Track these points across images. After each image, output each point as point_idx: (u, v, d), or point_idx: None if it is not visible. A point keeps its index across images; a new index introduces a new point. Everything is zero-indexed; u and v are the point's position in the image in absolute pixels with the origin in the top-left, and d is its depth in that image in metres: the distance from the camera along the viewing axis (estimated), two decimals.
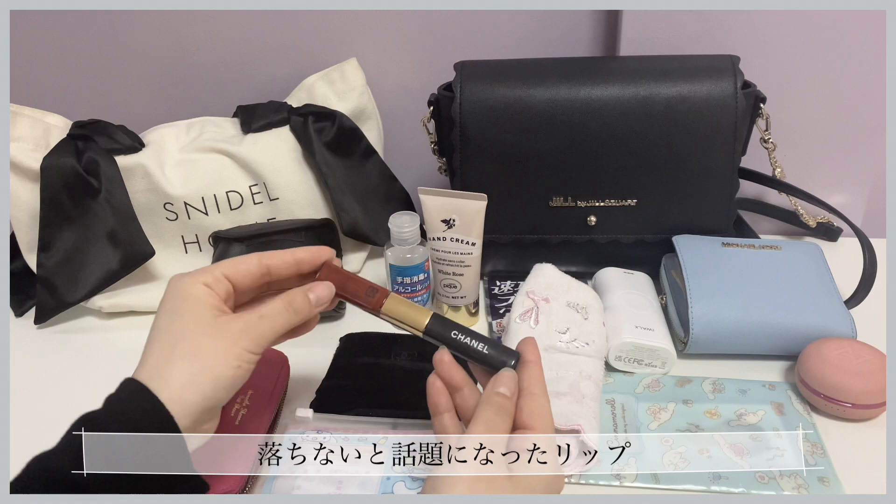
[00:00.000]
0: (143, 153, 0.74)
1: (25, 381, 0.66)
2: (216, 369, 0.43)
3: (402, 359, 0.64)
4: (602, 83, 0.69)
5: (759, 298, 0.64)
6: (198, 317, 0.44)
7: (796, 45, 0.75)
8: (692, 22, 0.74)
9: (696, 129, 0.69)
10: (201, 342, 0.43)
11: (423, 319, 0.50)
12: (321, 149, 0.76)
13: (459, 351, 0.49)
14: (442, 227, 0.68)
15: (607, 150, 0.70)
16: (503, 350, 0.49)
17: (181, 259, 0.77)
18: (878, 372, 0.57)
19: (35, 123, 0.72)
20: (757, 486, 0.52)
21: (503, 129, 0.70)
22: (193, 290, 0.45)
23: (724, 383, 0.62)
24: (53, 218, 0.70)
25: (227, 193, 0.75)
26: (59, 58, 0.85)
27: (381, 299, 0.51)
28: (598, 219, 0.73)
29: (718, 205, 0.73)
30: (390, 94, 0.85)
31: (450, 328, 0.49)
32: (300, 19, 0.81)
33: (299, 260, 0.50)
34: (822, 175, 0.81)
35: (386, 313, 0.51)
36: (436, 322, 0.50)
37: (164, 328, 0.45)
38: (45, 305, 0.72)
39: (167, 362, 0.43)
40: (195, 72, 0.85)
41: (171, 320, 0.45)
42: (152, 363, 0.43)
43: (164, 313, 0.45)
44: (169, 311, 0.45)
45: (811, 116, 0.78)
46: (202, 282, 0.46)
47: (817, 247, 0.69)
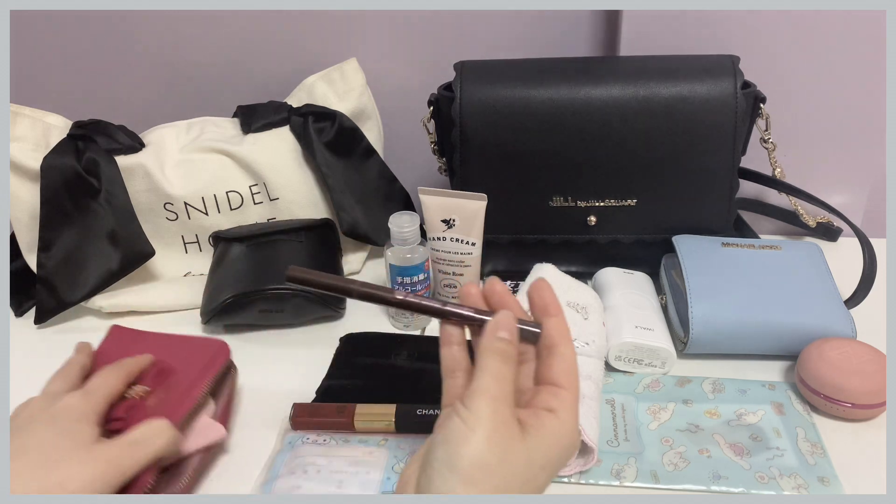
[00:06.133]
0: (143, 153, 0.74)
1: (25, 381, 0.66)
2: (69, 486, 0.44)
3: (402, 359, 0.64)
4: (602, 83, 0.69)
5: (759, 298, 0.64)
6: (78, 443, 0.46)
7: (796, 45, 0.75)
8: (692, 22, 0.74)
9: (696, 129, 0.69)
10: (72, 469, 0.45)
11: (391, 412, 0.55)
12: (321, 149, 0.76)
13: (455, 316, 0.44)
14: (442, 227, 0.68)
15: (607, 150, 0.70)
16: None
17: (181, 259, 0.78)
18: (878, 372, 0.57)
19: (35, 123, 0.72)
20: (757, 486, 0.52)
21: (503, 129, 0.70)
22: (82, 408, 0.49)
23: (724, 383, 0.62)
24: (53, 218, 0.70)
25: (227, 193, 0.75)
26: (59, 58, 0.85)
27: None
28: (598, 219, 0.73)
29: (718, 205, 0.73)
30: (390, 94, 0.85)
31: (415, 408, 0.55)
32: (300, 19, 0.81)
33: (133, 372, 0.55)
34: (822, 175, 0.81)
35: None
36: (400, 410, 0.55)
37: (44, 441, 0.46)
38: (45, 305, 0.72)
39: (34, 486, 0.44)
40: (195, 72, 0.85)
41: (55, 436, 0.46)
42: (23, 482, 0.44)
43: (47, 421, 0.48)
44: (57, 432, 0.47)
45: (811, 116, 0.78)
46: (90, 402, 0.49)
47: (817, 247, 0.69)
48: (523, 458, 0.37)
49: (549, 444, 0.38)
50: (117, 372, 0.54)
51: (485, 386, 0.38)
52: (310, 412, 0.57)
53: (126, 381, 0.54)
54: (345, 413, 0.56)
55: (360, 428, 0.56)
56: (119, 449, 0.47)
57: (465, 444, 0.36)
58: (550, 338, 0.42)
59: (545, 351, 0.42)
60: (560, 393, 0.40)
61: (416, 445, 0.54)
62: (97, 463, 0.46)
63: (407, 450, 0.54)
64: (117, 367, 0.54)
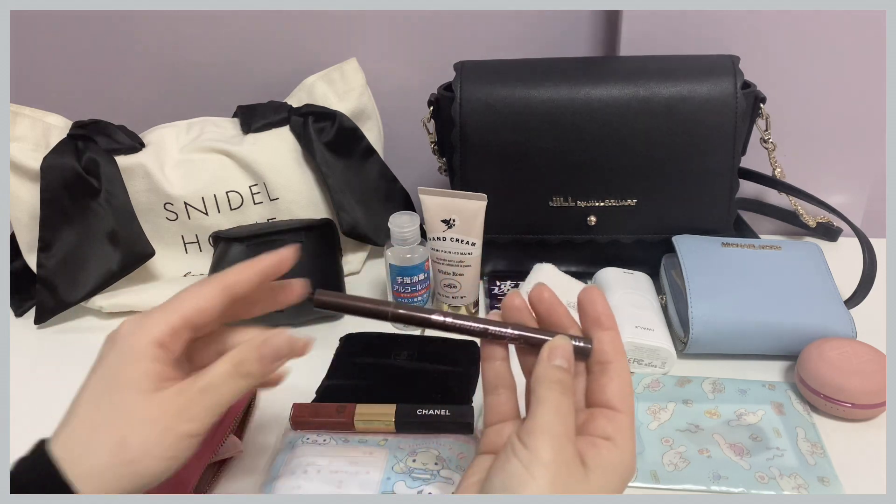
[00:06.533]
0: (143, 153, 0.74)
1: (25, 381, 0.66)
2: (143, 462, 0.36)
3: (402, 359, 0.64)
4: (602, 83, 0.69)
5: (759, 298, 0.64)
6: (136, 392, 0.37)
7: (796, 45, 0.75)
8: (692, 22, 0.74)
9: (696, 129, 0.69)
10: (131, 426, 0.37)
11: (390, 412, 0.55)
12: (321, 149, 0.76)
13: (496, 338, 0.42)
14: (442, 227, 0.68)
15: (607, 150, 0.70)
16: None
17: (181, 259, 0.78)
18: (878, 372, 0.57)
19: (35, 123, 0.72)
20: (757, 486, 0.52)
21: (503, 129, 0.70)
22: (139, 356, 0.38)
23: (724, 383, 0.62)
24: (53, 218, 0.70)
25: (227, 193, 0.75)
26: (59, 58, 0.85)
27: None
28: (598, 219, 0.73)
29: (718, 205, 0.73)
30: (390, 94, 0.85)
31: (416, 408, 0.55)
32: (300, 19, 0.81)
33: (262, 271, 0.42)
34: (822, 175, 0.81)
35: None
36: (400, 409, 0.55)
37: (96, 398, 0.38)
38: (45, 305, 0.72)
39: (88, 445, 0.36)
40: (195, 72, 0.85)
41: (104, 390, 0.38)
42: (74, 438, 0.37)
43: (100, 376, 0.38)
44: (106, 375, 0.38)
45: (811, 116, 0.78)
46: (155, 340, 0.38)
47: (817, 247, 0.69)
48: (584, 492, 0.35)
49: (609, 477, 0.36)
50: (214, 282, 0.41)
51: (545, 423, 0.36)
52: (310, 412, 0.57)
53: (226, 293, 0.41)
54: (345, 413, 0.56)
55: (360, 428, 0.56)
56: (187, 398, 0.38)
57: (526, 490, 0.34)
58: (604, 353, 0.39)
59: (597, 367, 0.39)
60: (616, 418, 0.38)
61: (416, 445, 0.54)
62: (161, 416, 0.37)
63: (407, 450, 0.54)
64: (217, 276, 0.41)
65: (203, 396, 0.38)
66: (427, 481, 0.51)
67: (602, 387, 0.39)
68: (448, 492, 0.50)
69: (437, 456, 0.53)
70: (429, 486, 0.50)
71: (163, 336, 0.38)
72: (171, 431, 0.37)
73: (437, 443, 0.54)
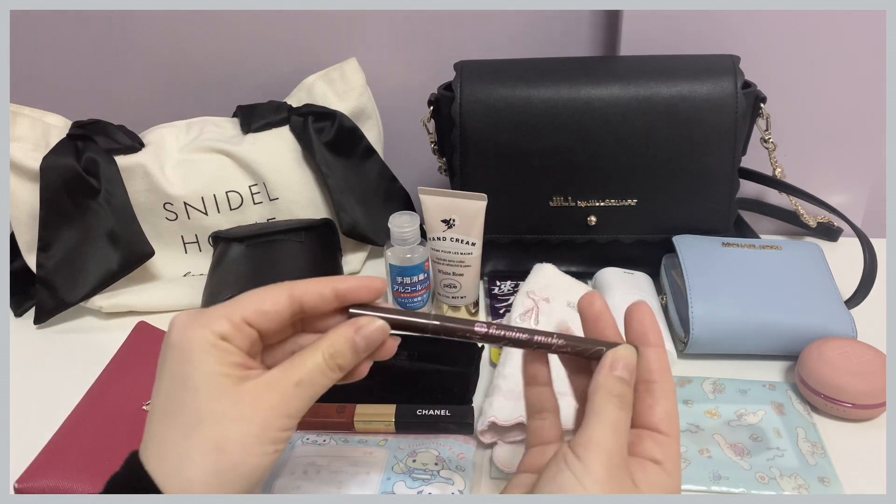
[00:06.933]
0: (142, 153, 0.74)
1: (25, 381, 0.66)
2: (247, 463, 0.34)
3: (402, 359, 0.64)
4: (602, 83, 0.69)
5: (759, 298, 0.64)
6: (214, 389, 0.34)
7: (796, 45, 0.74)
8: (692, 22, 0.74)
9: (697, 129, 0.69)
10: (225, 428, 0.34)
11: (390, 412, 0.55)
12: (321, 149, 0.76)
13: (541, 347, 0.40)
14: (442, 227, 0.68)
15: (607, 150, 0.70)
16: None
17: (181, 259, 0.78)
18: (878, 372, 0.57)
19: (35, 123, 0.72)
20: (757, 487, 0.52)
21: (503, 129, 0.70)
22: (204, 347, 0.35)
23: (724, 383, 0.62)
24: (53, 218, 0.70)
25: (226, 193, 0.75)
26: (59, 58, 0.85)
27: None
28: (598, 219, 0.73)
29: (718, 205, 0.72)
30: (390, 94, 0.85)
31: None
32: (300, 19, 0.81)
33: (341, 294, 0.39)
34: (822, 175, 0.81)
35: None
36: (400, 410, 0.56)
37: (174, 403, 0.34)
38: (44, 305, 0.72)
39: (185, 456, 0.33)
40: (195, 72, 0.85)
41: (180, 392, 0.34)
42: (169, 452, 0.34)
43: (170, 378, 0.35)
44: (176, 376, 0.35)
45: (811, 116, 0.78)
46: (216, 333, 0.35)
47: (817, 247, 0.69)
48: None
49: (657, 500, 0.36)
50: (281, 287, 0.38)
51: (601, 438, 0.35)
52: (309, 412, 0.56)
53: (293, 301, 0.38)
54: (345, 413, 0.56)
55: (359, 428, 0.56)
56: (282, 394, 0.36)
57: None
58: (650, 372, 0.38)
59: (642, 386, 0.38)
60: (664, 442, 0.37)
61: (416, 446, 0.54)
62: (253, 413, 0.35)
63: (407, 450, 0.54)
64: (286, 283, 0.39)
65: (300, 390, 0.37)
66: (427, 482, 0.51)
67: (649, 408, 0.38)
68: (448, 492, 0.50)
69: (437, 456, 0.53)
70: (429, 486, 0.50)
71: (222, 329, 0.35)
72: (271, 428, 0.35)
73: (437, 443, 0.54)
